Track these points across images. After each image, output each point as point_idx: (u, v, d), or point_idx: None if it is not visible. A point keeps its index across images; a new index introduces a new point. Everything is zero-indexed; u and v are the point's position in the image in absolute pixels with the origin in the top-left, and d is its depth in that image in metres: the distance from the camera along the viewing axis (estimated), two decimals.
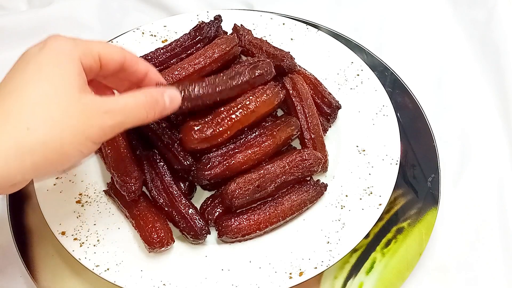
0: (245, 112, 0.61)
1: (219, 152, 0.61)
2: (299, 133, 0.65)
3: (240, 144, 0.63)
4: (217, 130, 0.60)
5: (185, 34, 0.72)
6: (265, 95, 0.63)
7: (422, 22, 0.91)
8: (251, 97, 0.62)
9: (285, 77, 0.69)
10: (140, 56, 0.70)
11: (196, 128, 0.59)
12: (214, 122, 0.60)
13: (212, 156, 0.61)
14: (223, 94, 0.60)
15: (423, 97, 0.77)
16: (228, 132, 0.61)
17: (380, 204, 0.61)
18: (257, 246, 0.59)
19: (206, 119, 0.60)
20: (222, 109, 0.61)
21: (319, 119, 0.68)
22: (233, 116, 0.61)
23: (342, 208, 0.62)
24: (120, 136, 0.62)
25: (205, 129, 0.59)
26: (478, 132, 0.76)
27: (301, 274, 0.56)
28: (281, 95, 0.65)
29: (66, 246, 0.57)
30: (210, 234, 0.60)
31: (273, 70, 0.65)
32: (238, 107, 0.61)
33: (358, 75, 0.73)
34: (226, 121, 0.60)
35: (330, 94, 0.70)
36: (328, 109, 0.69)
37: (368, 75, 0.73)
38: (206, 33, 0.71)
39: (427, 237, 0.63)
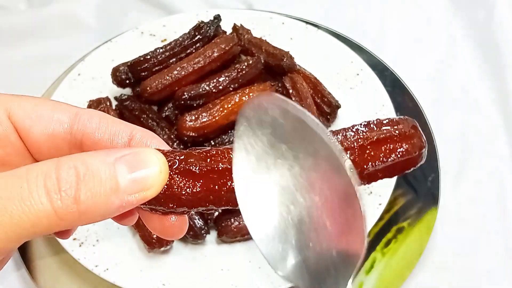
0: (239, 103, 0.64)
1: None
2: None
3: None
4: (210, 119, 0.63)
5: (184, 33, 0.72)
6: (261, 88, 0.66)
7: (422, 21, 0.90)
8: (246, 90, 0.65)
9: (285, 76, 0.69)
10: (140, 56, 0.69)
11: (189, 117, 0.63)
12: (208, 111, 0.64)
13: None
14: None
15: (423, 97, 0.76)
16: (221, 121, 0.63)
17: (380, 204, 0.61)
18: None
19: (200, 110, 0.64)
20: (216, 100, 0.64)
21: (319, 118, 0.68)
22: (227, 106, 0.64)
23: None
24: None
25: (199, 117, 0.63)
26: (478, 132, 0.76)
27: None
28: (277, 89, 0.67)
29: (66, 246, 0.57)
30: (209, 234, 0.60)
31: None
32: (232, 98, 0.64)
33: (358, 74, 0.73)
34: (219, 112, 0.63)
35: (330, 93, 0.70)
36: (327, 109, 0.69)
37: (368, 74, 0.72)
38: (205, 32, 0.71)
39: (427, 236, 0.63)
